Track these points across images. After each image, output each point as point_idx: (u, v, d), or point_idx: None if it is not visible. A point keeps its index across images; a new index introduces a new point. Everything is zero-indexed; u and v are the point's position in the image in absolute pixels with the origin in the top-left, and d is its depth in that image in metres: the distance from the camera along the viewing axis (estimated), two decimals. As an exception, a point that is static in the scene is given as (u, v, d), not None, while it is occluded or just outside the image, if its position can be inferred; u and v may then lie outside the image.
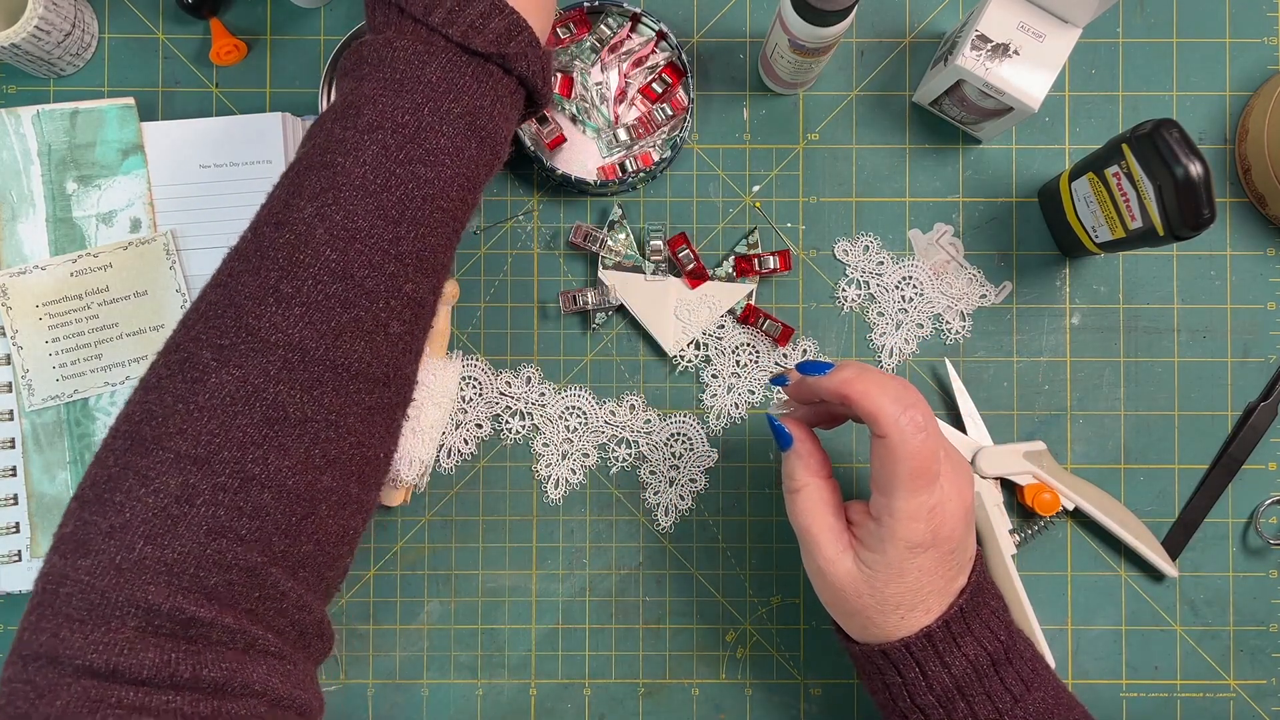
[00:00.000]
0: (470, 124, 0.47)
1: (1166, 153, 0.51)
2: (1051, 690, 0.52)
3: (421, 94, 0.46)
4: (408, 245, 0.46)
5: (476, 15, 0.47)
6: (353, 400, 0.45)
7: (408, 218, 0.46)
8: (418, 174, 0.46)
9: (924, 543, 0.49)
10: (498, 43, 0.48)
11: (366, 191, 0.45)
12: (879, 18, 0.67)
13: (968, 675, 0.50)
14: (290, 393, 0.43)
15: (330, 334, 0.44)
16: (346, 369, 0.44)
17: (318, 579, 0.46)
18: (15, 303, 0.63)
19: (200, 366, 0.42)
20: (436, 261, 0.48)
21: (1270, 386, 0.66)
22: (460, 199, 0.48)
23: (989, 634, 0.51)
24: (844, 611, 0.52)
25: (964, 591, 0.51)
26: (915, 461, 0.48)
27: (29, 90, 0.66)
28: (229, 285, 0.44)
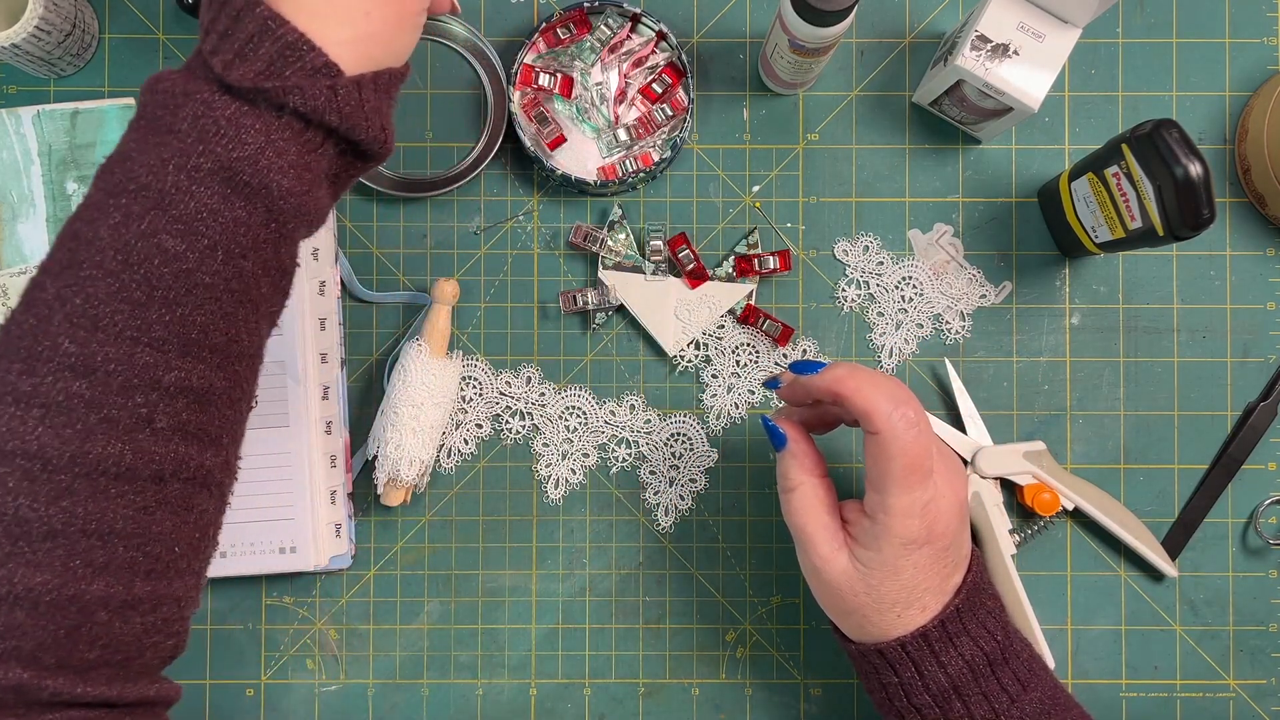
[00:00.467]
0: (227, 180, 0.40)
1: (1166, 153, 0.51)
2: (1048, 690, 0.52)
3: (169, 146, 0.39)
4: (161, 330, 0.39)
5: (243, 39, 0.40)
6: (116, 504, 0.39)
7: (158, 299, 0.39)
8: (165, 247, 0.39)
9: (918, 539, 0.49)
10: (264, 74, 0.40)
11: (106, 270, 0.39)
12: (879, 18, 0.67)
13: (964, 675, 0.50)
14: (33, 505, 0.38)
15: (75, 439, 0.38)
16: (103, 473, 0.39)
17: (122, 671, 0.41)
18: (15, 303, 0.63)
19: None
20: (209, 343, 0.41)
21: (1270, 386, 0.66)
22: (232, 270, 0.41)
23: (985, 634, 0.51)
24: (840, 611, 0.52)
25: (960, 590, 0.51)
26: (908, 457, 0.48)
27: (29, 90, 0.66)
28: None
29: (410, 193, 0.65)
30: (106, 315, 0.39)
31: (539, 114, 0.64)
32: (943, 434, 0.65)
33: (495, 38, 0.66)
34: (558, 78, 0.64)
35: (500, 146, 0.65)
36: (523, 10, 0.66)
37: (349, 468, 0.65)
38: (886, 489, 0.49)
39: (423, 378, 0.61)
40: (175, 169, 0.39)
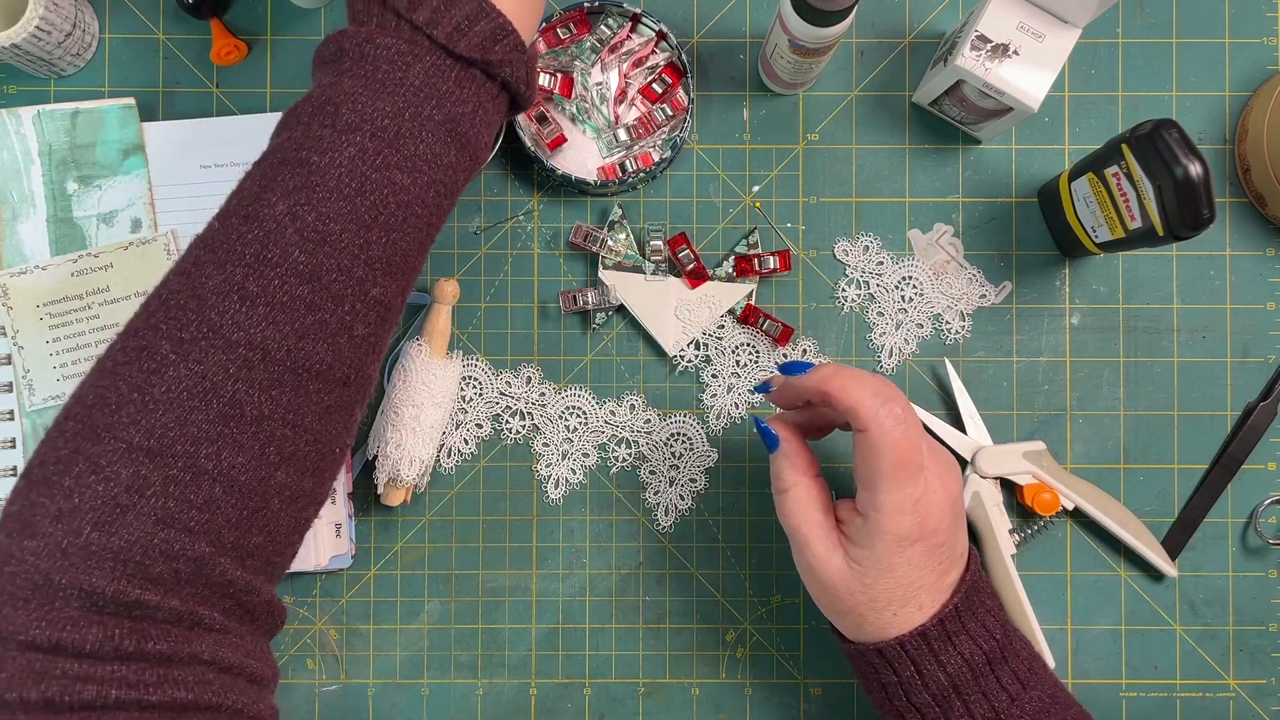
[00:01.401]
0: (451, 130, 0.47)
1: (1166, 153, 0.51)
2: (1048, 689, 0.52)
3: (403, 97, 0.46)
4: (378, 250, 0.45)
5: (462, 18, 0.47)
6: (311, 400, 0.44)
7: (380, 223, 0.45)
8: (394, 180, 0.45)
9: (911, 535, 0.49)
10: (482, 48, 0.47)
11: (341, 195, 0.44)
12: (879, 18, 0.67)
13: (964, 674, 0.50)
14: (248, 391, 0.42)
15: (293, 335, 0.43)
16: (307, 370, 0.44)
17: (266, 565, 0.46)
18: (16, 303, 0.63)
19: (159, 358, 0.42)
20: (407, 265, 0.47)
21: (1270, 386, 0.66)
22: (435, 204, 0.47)
23: (984, 633, 0.51)
24: (837, 610, 0.52)
25: (958, 589, 0.51)
26: (896, 453, 0.48)
27: (29, 90, 0.66)
28: (193, 275, 0.44)
29: (410, 193, 0.65)
30: (336, 233, 0.44)
31: (539, 114, 0.64)
32: (942, 434, 0.65)
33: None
34: (558, 78, 0.64)
35: (500, 146, 0.65)
36: (523, 10, 0.66)
37: (349, 468, 0.65)
38: (876, 486, 0.49)
39: (423, 378, 0.61)
40: (410, 117, 0.46)
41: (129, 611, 0.40)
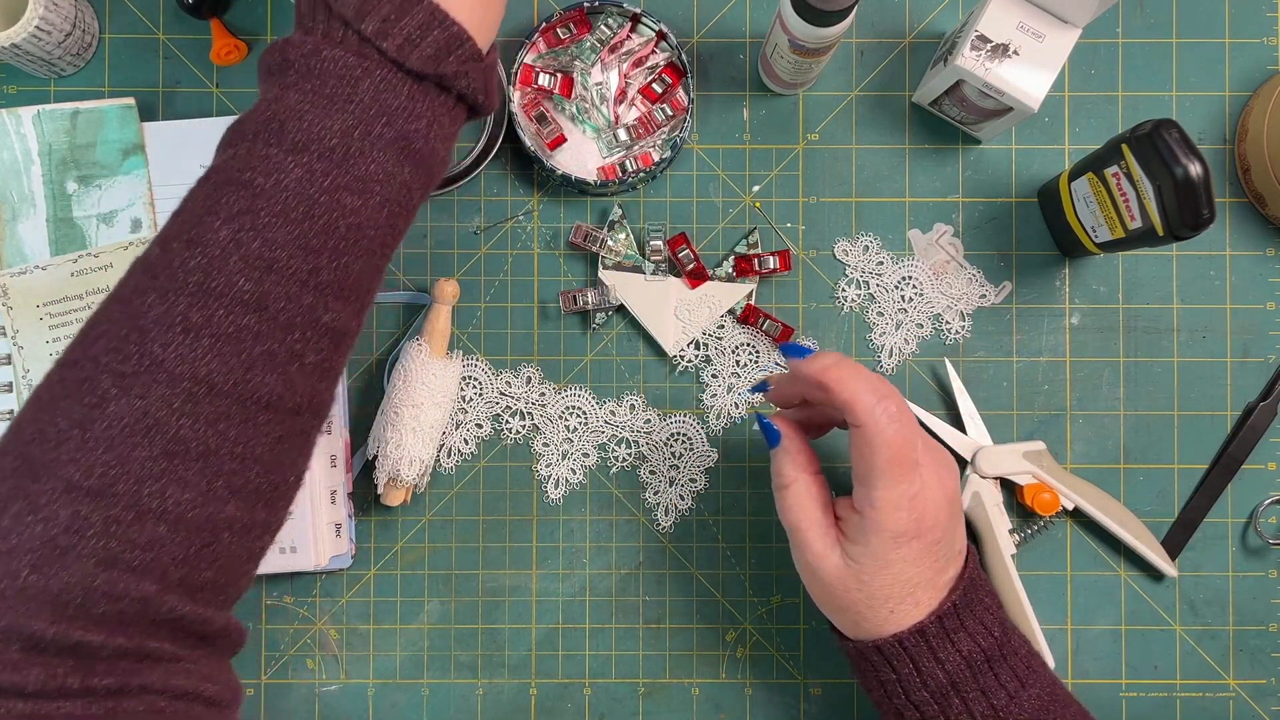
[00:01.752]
0: (403, 148, 0.45)
1: (1166, 153, 0.51)
2: (1047, 687, 0.52)
3: (352, 114, 0.43)
4: (328, 275, 0.43)
5: (413, 28, 0.44)
6: (261, 431, 0.43)
7: (330, 247, 0.43)
8: (344, 202, 0.43)
9: (907, 531, 0.49)
10: (435, 60, 0.44)
11: (288, 219, 0.42)
12: (879, 18, 0.67)
13: (962, 672, 0.50)
14: (194, 426, 0.41)
15: (240, 367, 0.42)
16: (256, 401, 0.42)
17: (219, 596, 0.44)
18: (16, 303, 0.63)
19: (99, 392, 0.40)
20: (360, 288, 0.46)
21: (1270, 386, 0.66)
22: (389, 225, 0.46)
23: (983, 630, 0.51)
24: (835, 608, 0.52)
25: (956, 586, 0.51)
26: (892, 449, 0.48)
27: (29, 90, 0.66)
28: (134, 304, 0.42)
29: (410, 193, 0.65)
30: (283, 259, 0.42)
31: (539, 114, 0.64)
32: (942, 434, 0.65)
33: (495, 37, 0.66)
34: (558, 78, 0.64)
35: (500, 146, 0.65)
36: (523, 10, 0.66)
37: (349, 468, 0.65)
38: (872, 482, 0.49)
39: (423, 378, 0.61)
40: (360, 135, 0.43)
41: (73, 651, 0.39)
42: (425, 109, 0.45)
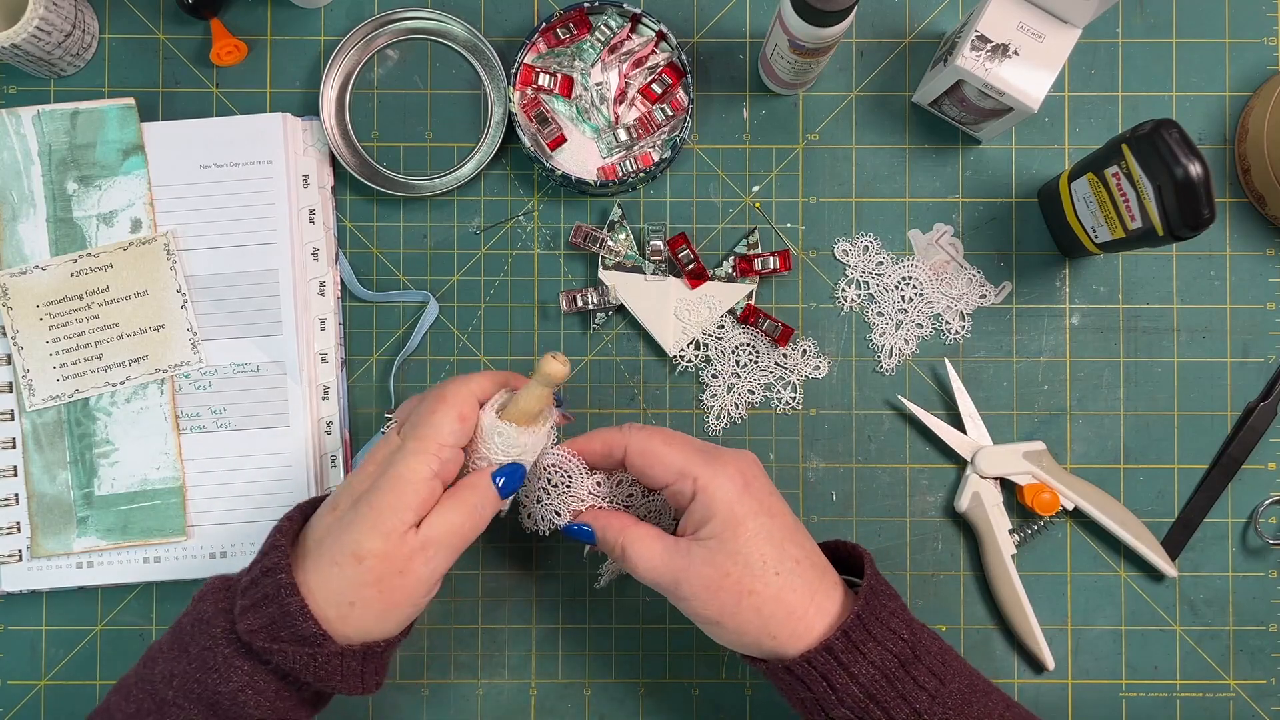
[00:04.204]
0: (210, 705, 0.48)
1: (1166, 153, 0.51)
2: (966, 679, 0.51)
3: (180, 663, 0.49)
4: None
5: (259, 595, 0.48)
6: None
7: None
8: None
9: (735, 479, 0.51)
10: (262, 632, 0.48)
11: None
12: (879, 18, 0.67)
13: (878, 682, 0.49)
14: None
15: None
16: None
17: None
18: (16, 303, 0.63)
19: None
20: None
21: (1270, 386, 0.66)
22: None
23: (892, 636, 0.50)
24: (731, 607, 0.51)
25: (860, 595, 0.51)
26: (661, 437, 0.52)
27: (29, 90, 0.66)
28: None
29: (410, 193, 0.65)
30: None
31: (539, 114, 0.64)
32: (943, 434, 0.65)
33: (495, 38, 0.66)
34: (558, 78, 0.64)
35: (500, 146, 0.65)
36: (523, 10, 0.66)
37: (349, 468, 0.65)
38: (673, 465, 0.51)
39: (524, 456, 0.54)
40: (177, 687, 0.48)
41: None
42: (239, 675, 0.48)
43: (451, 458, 0.50)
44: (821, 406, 0.66)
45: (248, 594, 0.49)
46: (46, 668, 0.65)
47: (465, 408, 0.51)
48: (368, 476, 0.50)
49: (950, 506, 0.66)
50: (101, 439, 0.63)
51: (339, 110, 0.65)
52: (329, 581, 0.48)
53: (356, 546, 0.48)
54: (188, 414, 0.64)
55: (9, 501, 0.63)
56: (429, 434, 0.50)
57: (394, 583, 0.48)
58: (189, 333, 0.64)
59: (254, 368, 0.64)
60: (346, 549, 0.48)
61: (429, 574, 0.49)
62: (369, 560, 0.48)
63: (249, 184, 0.64)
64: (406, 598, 0.49)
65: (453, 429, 0.50)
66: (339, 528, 0.49)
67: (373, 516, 0.48)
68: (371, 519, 0.48)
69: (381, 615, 0.49)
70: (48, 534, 0.63)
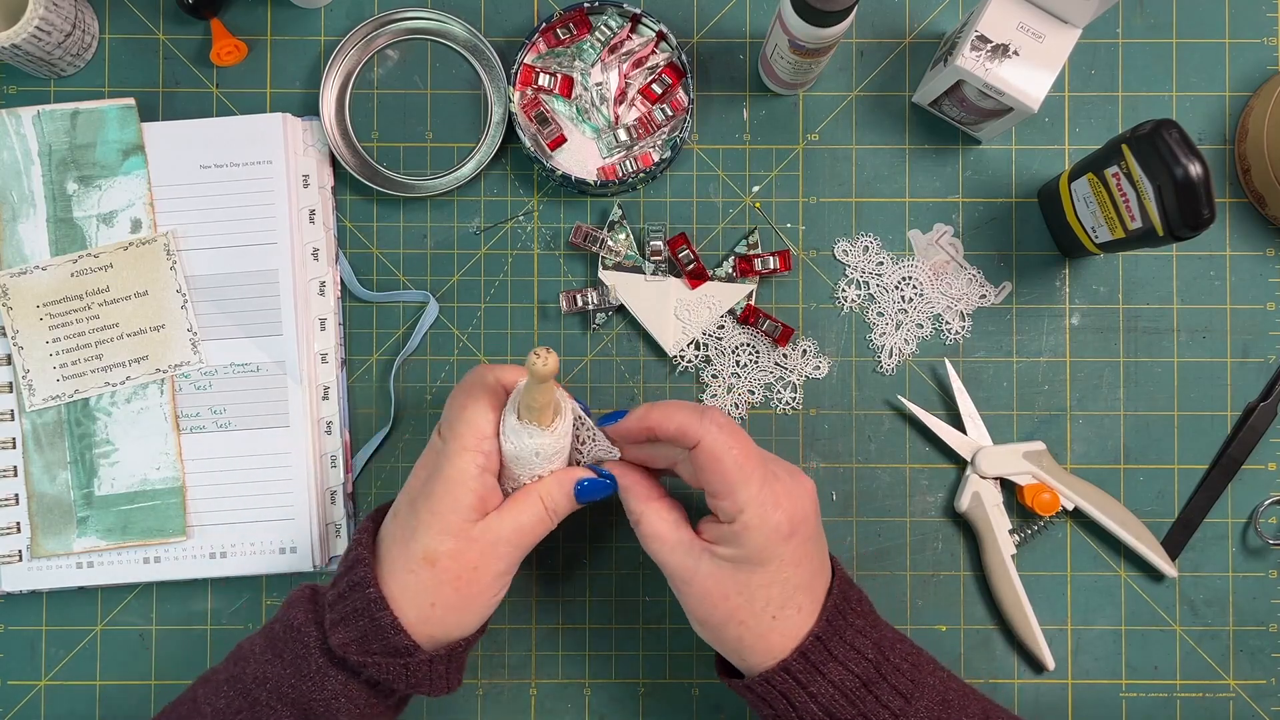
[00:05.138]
0: (304, 710, 0.49)
1: (1166, 153, 0.51)
2: (937, 695, 0.51)
3: (273, 666, 0.50)
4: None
5: (349, 609, 0.49)
6: None
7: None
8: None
9: (783, 528, 0.49)
10: (354, 645, 0.49)
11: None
12: (879, 18, 0.67)
13: (837, 701, 0.49)
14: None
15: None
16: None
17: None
18: (16, 303, 0.63)
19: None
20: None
21: (1270, 387, 0.66)
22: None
23: (854, 655, 0.50)
24: (717, 623, 0.51)
25: (821, 613, 0.50)
26: (735, 451, 0.49)
27: (29, 91, 0.66)
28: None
29: (410, 193, 0.65)
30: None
31: (539, 114, 0.64)
32: (942, 434, 0.65)
33: (495, 38, 0.66)
34: (558, 78, 0.64)
35: (500, 146, 0.65)
36: (523, 10, 0.66)
37: (349, 468, 0.65)
38: (734, 489, 0.49)
39: (544, 455, 0.53)
40: (270, 689, 0.50)
41: None
42: (333, 684, 0.49)
43: (492, 449, 0.51)
44: (821, 406, 0.66)
45: (337, 608, 0.50)
46: (46, 668, 0.65)
47: (494, 398, 0.52)
48: (420, 482, 0.51)
49: (950, 506, 0.66)
50: (101, 439, 0.63)
51: (339, 110, 0.65)
52: (407, 589, 0.50)
53: (427, 550, 0.49)
54: (188, 414, 0.64)
55: (9, 501, 0.63)
56: (465, 430, 0.50)
57: (469, 578, 0.50)
58: (189, 333, 0.64)
59: (254, 368, 0.64)
60: (417, 554, 0.49)
61: (502, 570, 0.51)
62: (442, 561, 0.49)
63: (249, 184, 0.64)
64: (482, 592, 0.51)
65: (488, 419, 0.51)
66: (405, 534, 0.50)
67: (437, 520, 0.50)
68: (437, 523, 0.50)
69: (461, 612, 0.50)
70: (48, 534, 0.63)
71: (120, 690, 0.65)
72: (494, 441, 0.51)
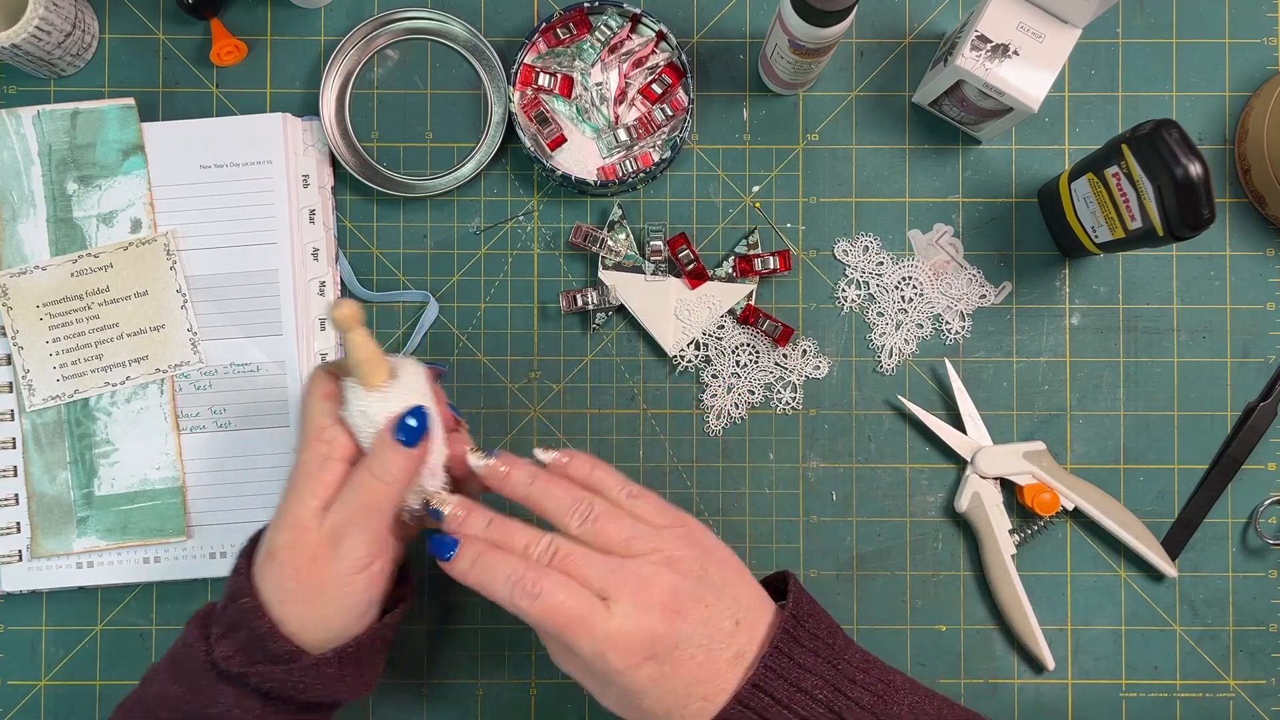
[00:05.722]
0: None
1: (1166, 153, 0.51)
2: (905, 715, 0.48)
3: (172, 685, 0.50)
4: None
5: (229, 622, 0.49)
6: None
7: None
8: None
9: (628, 665, 0.46)
10: (235, 657, 0.48)
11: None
12: (879, 18, 0.67)
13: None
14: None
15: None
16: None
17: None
18: (16, 303, 0.63)
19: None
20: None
21: (1270, 387, 0.66)
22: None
23: (805, 700, 0.47)
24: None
25: (754, 664, 0.47)
26: (554, 619, 0.45)
27: (29, 91, 0.66)
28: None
29: (410, 193, 0.65)
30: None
31: (539, 114, 0.64)
32: (942, 434, 0.65)
33: (495, 38, 0.66)
34: (558, 78, 0.64)
35: (500, 146, 0.65)
36: (523, 10, 0.66)
37: (349, 468, 0.65)
38: (568, 656, 0.48)
39: (370, 420, 0.50)
40: (170, 708, 0.49)
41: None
42: (225, 697, 0.49)
43: (335, 436, 0.50)
44: (821, 406, 0.66)
45: (221, 621, 0.50)
46: (46, 668, 0.65)
47: (327, 386, 0.51)
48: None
49: (950, 506, 0.66)
50: (101, 439, 0.63)
51: (339, 110, 0.65)
52: (261, 586, 0.49)
53: (270, 545, 0.49)
54: (188, 414, 0.64)
55: (9, 501, 0.63)
56: (306, 424, 0.51)
57: (308, 569, 0.48)
58: (189, 333, 0.64)
59: (254, 368, 0.64)
60: (264, 552, 0.50)
61: (344, 556, 0.48)
62: (280, 554, 0.49)
63: (249, 184, 0.64)
64: (331, 584, 0.49)
65: (324, 409, 0.50)
66: (264, 537, 0.51)
67: (280, 515, 0.50)
68: (279, 517, 0.50)
69: (311, 605, 0.49)
70: (48, 534, 0.63)
71: (120, 690, 0.64)
72: (336, 429, 0.50)
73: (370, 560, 0.49)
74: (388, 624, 0.52)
